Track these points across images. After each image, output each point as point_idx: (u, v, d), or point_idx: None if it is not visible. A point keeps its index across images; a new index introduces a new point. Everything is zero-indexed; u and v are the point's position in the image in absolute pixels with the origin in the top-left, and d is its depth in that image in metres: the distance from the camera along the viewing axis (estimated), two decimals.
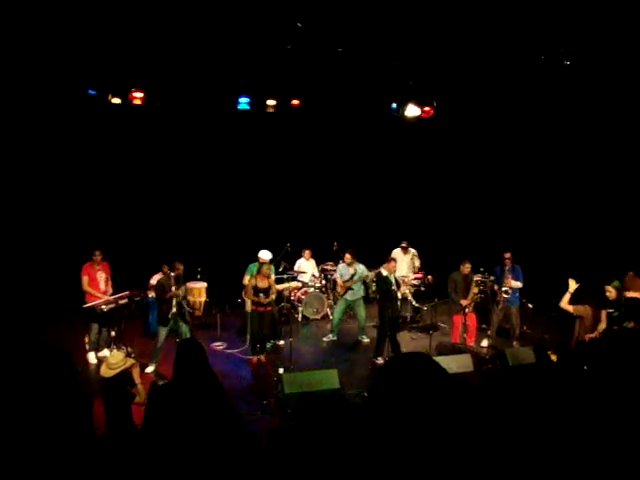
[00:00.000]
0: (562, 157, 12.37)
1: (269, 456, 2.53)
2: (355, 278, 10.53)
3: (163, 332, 8.80)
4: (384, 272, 9.57)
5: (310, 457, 2.40)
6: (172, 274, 8.81)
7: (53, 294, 10.69)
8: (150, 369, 8.68)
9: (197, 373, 4.04)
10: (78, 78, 9.84)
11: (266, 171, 13.77)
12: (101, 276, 9.54)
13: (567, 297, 8.18)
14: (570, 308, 8.13)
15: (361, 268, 10.65)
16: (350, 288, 10.58)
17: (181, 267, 8.90)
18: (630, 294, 7.79)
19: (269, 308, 9.40)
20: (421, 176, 14.75)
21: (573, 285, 8.18)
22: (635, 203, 11.29)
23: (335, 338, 10.78)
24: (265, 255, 10.23)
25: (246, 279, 10.17)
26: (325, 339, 10.77)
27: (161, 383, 6.40)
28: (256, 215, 13.55)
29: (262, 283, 9.28)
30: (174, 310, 8.78)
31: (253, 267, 10.17)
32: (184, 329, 8.96)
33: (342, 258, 11.04)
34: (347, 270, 10.62)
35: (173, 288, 8.75)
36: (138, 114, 11.58)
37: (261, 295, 9.24)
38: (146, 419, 3.81)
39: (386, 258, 9.95)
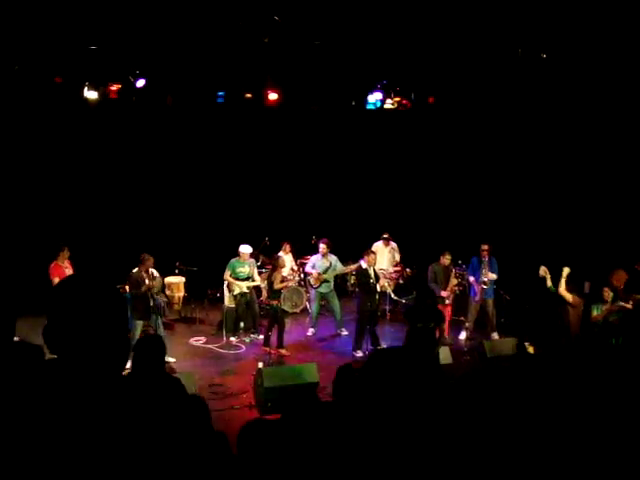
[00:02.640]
0: (538, 149, 12.43)
1: (240, 452, 2.51)
2: (330, 272, 10.54)
3: (139, 327, 8.70)
4: (364, 264, 9.58)
5: (284, 451, 2.38)
6: (151, 271, 8.74)
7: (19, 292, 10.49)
8: (128, 364, 8.52)
9: (153, 371, 4.05)
10: (51, 69, 9.66)
11: (244, 164, 13.68)
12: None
13: (564, 284, 8.19)
14: (569, 296, 8.15)
15: (334, 259, 10.65)
16: (326, 280, 10.58)
17: (151, 259, 8.75)
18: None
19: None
20: (401, 168, 14.73)
21: (567, 272, 8.18)
22: (612, 195, 11.37)
23: (315, 331, 10.82)
24: (245, 249, 10.21)
25: (227, 274, 10.20)
26: (308, 334, 10.77)
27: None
28: (234, 209, 13.44)
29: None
30: (152, 303, 8.69)
31: (236, 263, 10.19)
32: (159, 323, 8.91)
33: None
34: (322, 262, 10.61)
35: (147, 281, 8.64)
36: (114, 107, 11.40)
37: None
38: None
39: (365, 251, 9.93)
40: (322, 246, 10.55)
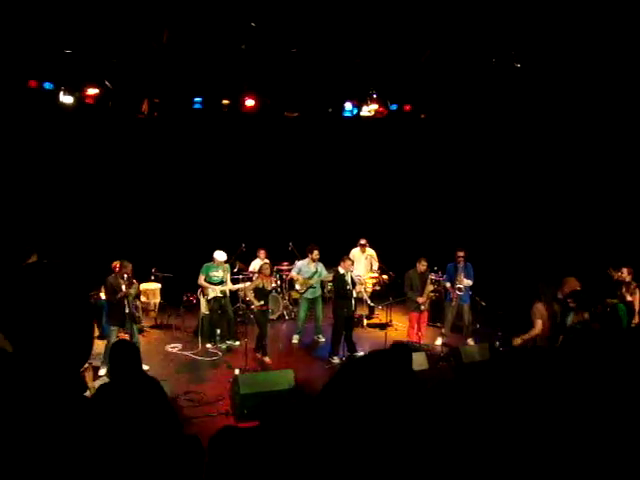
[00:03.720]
0: (513, 155, 12.59)
1: (211, 458, 2.50)
2: (316, 277, 10.54)
3: (114, 333, 8.63)
4: (341, 270, 9.61)
5: (254, 458, 2.37)
6: (126, 275, 8.62)
7: None
8: (103, 371, 8.50)
9: (130, 376, 4.06)
10: (25, 73, 9.54)
11: (221, 170, 13.64)
12: None
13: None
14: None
15: (320, 265, 10.67)
16: (312, 286, 10.58)
17: (129, 265, 8.69)
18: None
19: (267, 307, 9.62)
20: (378, 175, 14.84)
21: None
22: (587, 198, 11.52)
23: (300, 338, 10.78)
24: (220, 256, 10.18)
25: (201, 278, 10.16)
26: (294, 341, 10.72)
27: (97, 384, 6.24)
28: (210, 215, 13.37)
29: (268, 284, 9.50)
30: (127, 310, 8.62)
31: (210, 267, 10.18)
32: (135, 329, 8.87)
33: (297, 257, 11.07)
34: (308, 267, 10.60)
35: (123, 287, 8.58)
36: (90, 113, 11.27)
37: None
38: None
39: (342, 257, 9.95)
40: (316, 252, 10.51)
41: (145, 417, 3.67)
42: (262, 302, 9.38)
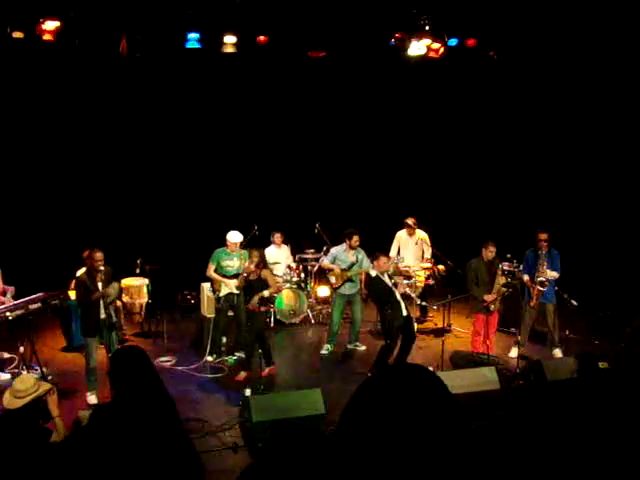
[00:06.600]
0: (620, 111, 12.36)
1: None
2: (356, 269, 10.52)
3: (93, 344, 8.64)
4: (373, 272, 9.55)
5: None
6: (102, 269, 8.60)
7: None
8: (92, 399, 8.54)
9: (142, 391, 4.09)
10: None
11: (222, 129, 13.63)
12: None
13: None
14: None
15: (362, 254, 10.62)
16: (350, 279, 10.55)
17: (98, 253, 8.58)
18: None
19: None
20: (429, 135, 14.70)
21: None
22: None
23: (332, 349, 10.76)
24: (235, 237, 10.11)
25: (210, 269, 10.12)
26: (323, 352, 10.73)
27: (88, 413, 6.27)
28: (211, 188, 13.50)
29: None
30: (103, 316, 8.64)
31: (222, 254, 10.14)
32: (114, 339, 8.87)
33: (327, 244, 11.12)
34: (346, 255, 10.58)
35: (100, 286, 8.59)
36: (49, 53, 11.21)
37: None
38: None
39: (374, 254, 9.88)
40: (355, 238, 10.48)
41: (160, 459, 3.75)
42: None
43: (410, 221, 11.91)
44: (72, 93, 12.44)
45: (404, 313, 9.51)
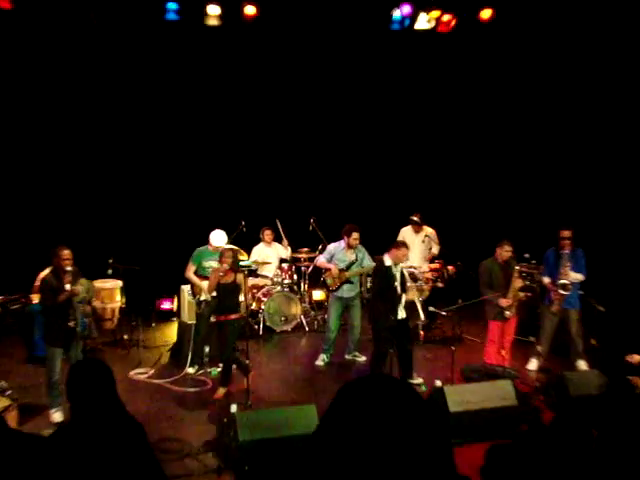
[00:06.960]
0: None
1: None
2: (355, 268, 10.46)
3: (57, 355, 8.35)
4: (387, 261, 9.36)
5: None
6: (69, 268, 8.32)
7: None
8: (56, 416, 8.29)
9: (103, 410, 3.96)
10: None
11: (205, 112, 13.60)
12: None
13: None
14: None
15: (363, 252, 10.56)
16: (348, 281, 10.43)
17: (65, 251, 8.34)
18: None
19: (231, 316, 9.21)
20: (438, 121, 14.67)
21: None
22: None
23: (329, 360, 10.68)
24: (218, 239, 10.10)
25: (190, 270, 10.10)
26: (318, 363, 10.63)
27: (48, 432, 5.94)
28: (193, 179, 13.53)
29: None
30: (71, 323, 8.37)
31: (204, 253, 10.12)
32: (78, 349, 8.58)
33: (322, 241, 11.28)
34: (344, 254, 10.48)
35: (67, 286, 8.25)
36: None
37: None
38: None
39: (395, 242, 9.75)
40: (355, 235, 10.40)
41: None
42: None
43: (416, 217, 11.96)
44: (37, 78, 12.36)
45: (400, 316, 9.38)
